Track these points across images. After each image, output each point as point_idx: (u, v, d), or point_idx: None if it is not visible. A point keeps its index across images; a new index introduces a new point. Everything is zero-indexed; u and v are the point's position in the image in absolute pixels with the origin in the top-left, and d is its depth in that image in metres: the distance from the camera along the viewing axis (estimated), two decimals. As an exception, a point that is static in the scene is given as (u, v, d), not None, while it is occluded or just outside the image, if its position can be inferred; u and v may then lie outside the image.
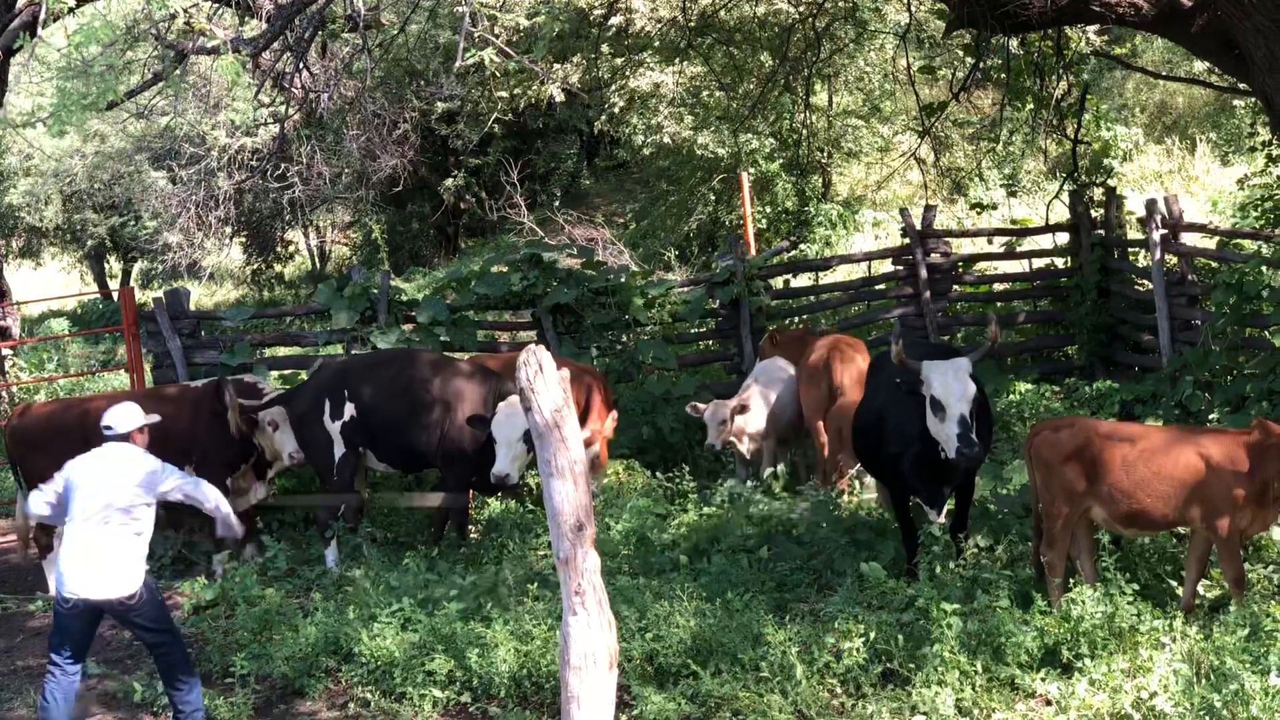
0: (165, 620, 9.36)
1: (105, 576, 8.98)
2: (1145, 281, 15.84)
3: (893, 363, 10.38)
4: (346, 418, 12.87)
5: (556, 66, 22.20)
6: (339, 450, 12.92)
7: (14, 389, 20.07)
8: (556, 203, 29.65)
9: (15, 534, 14.31)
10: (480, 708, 9.37)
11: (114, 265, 37.59)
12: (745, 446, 13.79)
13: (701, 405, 13.63)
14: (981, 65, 16.79)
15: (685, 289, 17.16)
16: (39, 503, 9.54)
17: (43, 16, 10.19)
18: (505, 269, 16.66)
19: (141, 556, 9.14)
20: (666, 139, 25.16)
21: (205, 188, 28.32)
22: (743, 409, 13.58)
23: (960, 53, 20.37)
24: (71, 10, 11.04)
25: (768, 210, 24.78)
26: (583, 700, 6.93)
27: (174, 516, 14.04)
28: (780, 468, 13.50)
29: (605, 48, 21.55)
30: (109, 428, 9.54)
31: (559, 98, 22.93)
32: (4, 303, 22.07)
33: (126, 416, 9.61)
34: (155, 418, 10.13)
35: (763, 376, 14.20)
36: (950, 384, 9.91)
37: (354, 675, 9.86)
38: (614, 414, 13.53)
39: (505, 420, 12.11)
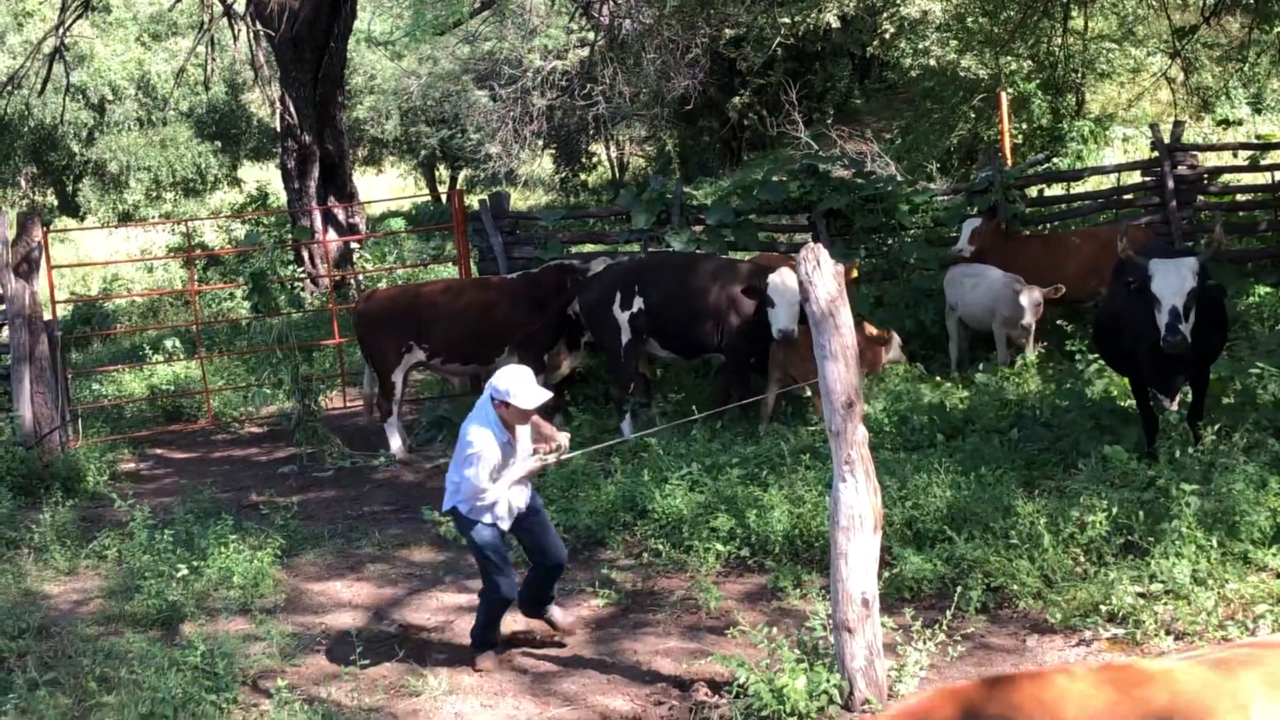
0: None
1: None
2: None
3: (1128, 264, 10.05)
4: (635, 309, 13.04)
5: (835, -5, 21.88)
6: (625, 336, 13.12)
7: (360, 277, 20.86)
8: (830, 120, 29.26)
9: (362, 401, 14.94)
10: (757, 561, 9.48)
11: (442, 172, 38.56)
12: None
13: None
14: (1233, -10, 16.00)
15: (946, 197, 16.83)
16: None
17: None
18: (784, 178, 16.57)
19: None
20: (932, 62, 24.64)
21: (521, 105, 28.85)
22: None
23: (1212, -21, 19.40)
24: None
25: (1024, 127, 24.10)
26: (850, 557, 6.94)
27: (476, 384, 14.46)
28: (1031, 355, 13.21)
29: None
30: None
31: (835, 23, 22.62)
32: (353, 203, 22.89)
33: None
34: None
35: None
36: (1167, 278, 9.58)
37: (647, 529, 10.04)
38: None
39: (780, 284, 12.13)
